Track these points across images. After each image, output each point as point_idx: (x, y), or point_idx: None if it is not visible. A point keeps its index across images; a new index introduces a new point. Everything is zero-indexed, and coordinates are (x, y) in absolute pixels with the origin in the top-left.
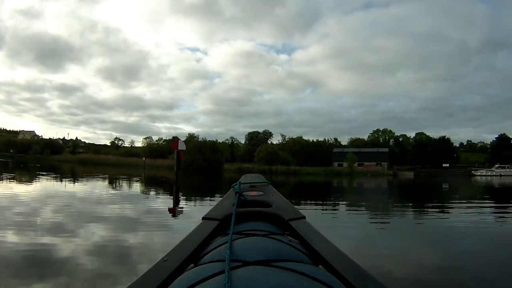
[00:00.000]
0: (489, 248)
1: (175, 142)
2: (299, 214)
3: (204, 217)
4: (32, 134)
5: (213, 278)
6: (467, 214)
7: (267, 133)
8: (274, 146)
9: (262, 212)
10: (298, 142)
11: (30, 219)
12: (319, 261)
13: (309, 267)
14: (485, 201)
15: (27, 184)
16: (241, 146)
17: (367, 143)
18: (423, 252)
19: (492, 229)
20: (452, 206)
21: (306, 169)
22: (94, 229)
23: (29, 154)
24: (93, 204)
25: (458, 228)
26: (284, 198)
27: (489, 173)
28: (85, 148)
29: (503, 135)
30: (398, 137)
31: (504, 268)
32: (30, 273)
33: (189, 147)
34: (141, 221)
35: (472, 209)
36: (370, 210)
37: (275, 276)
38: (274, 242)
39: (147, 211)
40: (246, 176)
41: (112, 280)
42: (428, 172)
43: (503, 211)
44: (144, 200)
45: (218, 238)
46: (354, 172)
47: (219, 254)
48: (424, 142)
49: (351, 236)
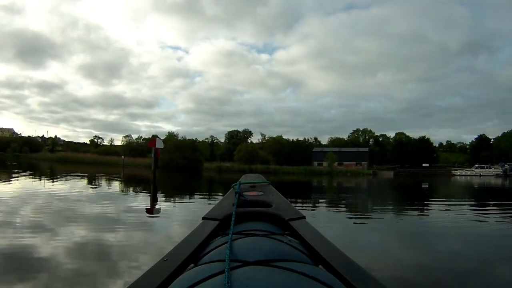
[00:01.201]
0: (468, 246)
1: (152, 140)
2: (299, 214)
3: (204, 217)
4: (10, 132)
5: (213, 278)
6: (446, 213)
7: (247, 132)
8: (254, 145)
9: (262, 212)
10: (278, 141)
11: (7, 219)
12: (319, 261)
13: (309, 267)
14: (464, 200)
15: (3, 183)
16: (221, 145)
17: (347, 142)
18: (402, 250)
19: (470, 228)
20: (431, 205)
21: (285, 168)
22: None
23: (7, 152)
24: (69, 203)
25: (437, 227)
26: (284, 198)
27: (468, 173)
28: (64, 146)
29: (483, 135)
30: (378, 137)
31: (481, 266)
32: (7, 272)
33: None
34: (117, 220)
35: (452, 208)
36: (349, 209)
37: (275, 276)
38: (274, 242)
39: (124, 210)
40: (246, 176)
41: (89, 279)
42: (408, 171)
43: (482, 210)
44: (122, 199)
45: (218, 238)
46: (334, 171)
47: (219, 254)
48: (404, 142)
49: (329, 235)
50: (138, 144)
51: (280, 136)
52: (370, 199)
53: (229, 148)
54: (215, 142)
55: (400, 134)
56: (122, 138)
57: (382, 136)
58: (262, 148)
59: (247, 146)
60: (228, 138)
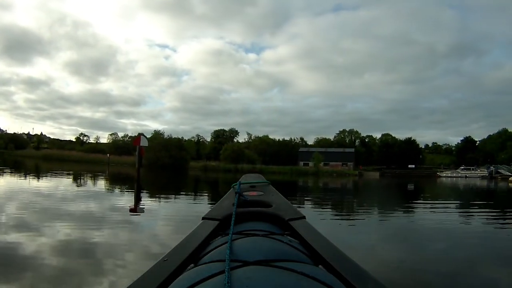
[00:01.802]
0: (453, 247)
1: (137, 138)
2: (299, 214)
3: (204, 217)
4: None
5: (213, 278)
6: (432, 214)
7: (233, 131)
8: (240, 145)
9: (262, 212)
10: (264, 141)
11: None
12: (319, 261)
13: (309, 267)
14: (450, 201)
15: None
16: (207, 144)
17: (333, 143)
18: (388, 250)
19: (456, 229)
20: (417, 206)
21: (271, 168)
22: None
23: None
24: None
25: (423, 227)
26: (284, 198)
27: (454, 175)
28: (49, 144)
29: (469, 137)
30: (364, 138)
31: (467, 266)
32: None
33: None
34: (100, 219)
35: (437, 209)
36: (335, 210)
37: (275, 276)
38: (274, 242)
39: (108, 208)
40: (246, 176)
41: (71, 278)
42: (394, 172)
43: (467, 212)
44: (106, 198)
45: (218, 238)
46: (320, 171)
47: (219, 254)
48: (390, 143)
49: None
50: (124, 142)
51: (267, 136)
52: (356, 200)
53: (215, 147)
54: (201, 141)
55: (386, 135)
56: (108, 136)
57: (368, 137)
58: (248, 147)
59: (233, 145)
60: (214, 137)
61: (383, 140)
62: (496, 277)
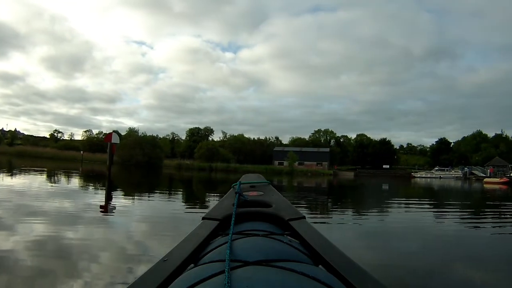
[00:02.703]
0: (426, 246)
1: (108, 135)
2: (299, 214)
3: (204, 217)
4: None
5: (213, 278)
6: (406, 213)
7: (208, 129)
8: (215, 143)
9: (262, 212)
10: (239, 140)
11: None
12: (319, 261)
13: (309, 267)
14: (424, 201)
15: None
16: (182, 142)
17: (308, 142)
18: (361, 249)
19: (429, 228)
20: (391, 205)
21: (246, 167)
22: (17, 225)
23: None
24: (21, 198)
25: (396, 226)
26: (284, 198)
27: (428, 175)
28: (23, 140)
29: (443, 139)
30: (339, 138)
31: (439, 264)
32: None
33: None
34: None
35: (411, 208)
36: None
37: (275, 276)
38: (274, 242)
39: (78, 207)
40: (246, 176)
41: (37, 279)
42: (369, 172)
43: (440, 211)
44: (76, 196)
45: (218, 238)
46: (295, 171)
47: (219, 254)
48: (365, 143)
49: None
50: (98, 139)
51: (242, 135)
52: (330, 199)
53: (190, 145)
54: (176, 139)
55: (361, 135)
56: (82, 133)
57: (343, 137)
58: (223, 146)
59: (207, 143)
60: (189, 135)
61: (358, 140)
62: (469, 275)
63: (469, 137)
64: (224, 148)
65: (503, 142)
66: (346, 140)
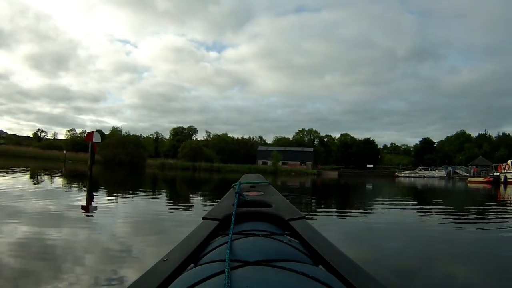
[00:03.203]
0: (411, 244)
1: (89, 134)
2: (299, 214)
3: (204, 217)
4: None
5: (213, 278)
6: (390, 212)
7: (192, 129)
8: (199, 143)
9: (262, 212)
10: (223, 139)
11: None
12: (319, 261)
13: (309, 267)
14: (408, 200)
15: None
16: (166, 141)
17: (292, 142)
18: (346, 248)
19: (413, 227)
20: (375, 205)
21: (230, 166)
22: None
23: None
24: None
25: (381, 225)
26: (284, 198)
27: (412, 175)
28: (6, 140)
29: (427, 139)
30: (323, 138)
31: (423, 262)
32: None
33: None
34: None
35: (395, 207)
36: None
37: (275, 276)
38: (274, 242)
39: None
40: (246, 176)
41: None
42: (352, 172)
43: (424, 210)
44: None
45: (218, 238)
46: (279, 170)
47: (219, 254)
48: (348, 143)
49: None
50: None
51: (226, 134)
52: (314, 198)
53: (174, 145)
54: (160, 138)
55: (345, 135)
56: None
57: (327, 137)
58: (207, 145)
59: (191, 143)
60: (173, 134)
61: (342, 140)
62: (453, 272)
63: (453, 137)
64: (208, 147)
65: (486, 142)
66: (330, 140)
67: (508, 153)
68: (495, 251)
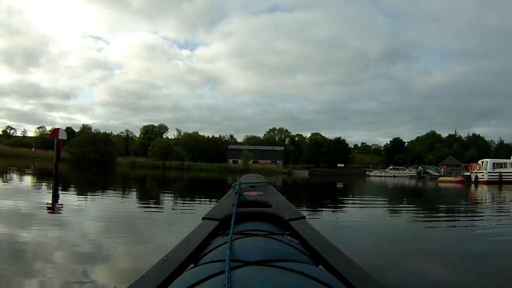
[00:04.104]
0: (381, 242)
1: (55, 130)
2: (299, 214)
3: (204, 217)
4: None
5: (213, 278)
6: (360, 211)
7: (162, 127)
8: (169, 141)
9: (262, 212)
10: (193, 138)
11: None
12: (319, 261)
13: (309, 267)
14: (378, 199)
15: None
16: (136, 139)
17: (263, 141)
18: None
19: (383, 225)
20: (345, 203)
21: (200, 165)
22: None
23: None
24: None
25: (351, 224)
26: (284, 198)
27: (383, 174)
28: None
29: (397, 138)
30: (294, 137)
31: (393, 259)
32: None
33: (81, 139)
34: (12, 218)
35: (365, 206)
36: None
37: (275, 276)
38: (274, 242)
39: (22, 206)
40: (246, 176)
41: None
42: (323, 171)
43: (394, 209)
44: (23, 195)
45: (218, 238)
46: (249, 169)
47: (219, 254)
48: (319, 142)
49: None
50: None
51: (196, 133)
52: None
53: (144, 143)
54: (130, 136)
55: (316, 134)
56: (36, 129)
57: (298, 136)
58: (177, 144)
59: (162, 141)
60: (143, 132)
61: (312, 139)
62: (423, 269)
63: (423, 137)
64: (179, 145)
65: (456, 142)
66: (300, 139)
67: (478, 154)
68: (463, 247)
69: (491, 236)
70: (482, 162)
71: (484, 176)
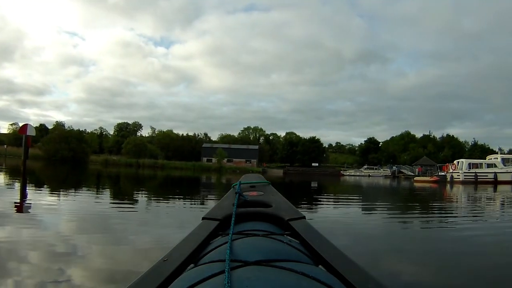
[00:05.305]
0: (355, 241)
1: (23, 126)
2: (299, 214)
3: (204, 217)
4: None
5: (213, 278)
6: (334, 210)
7: (136, 125)
8: (143, 139)
9: (262, 212)
10: (167, 135)
11: None
12: (319, 261)
13: (309, 267)
14: (353, 198)
15: None
16: (110, 137)
17: (237, 139)
18: None
19: (358, 224)
20: (320, 202)
21: (174, 163)
22: None
23: None
24: None
25: (325, 223)
26: (284, 198)
27: (357, 173)
28: None
29: (372, 138)
30: (268, 136)
31: (368, 259)
32: None
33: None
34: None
35: (340, 205)
36: None
37: (275, 276)
38: (274, 242)
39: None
40: (246, 176)
41: None
42: (298, 170)
43: (369, 208)
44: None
45: (218, 238)
46: (223, 168)
47: (219, 254)
48: (294, 141)
49: None
50: None
51: (170, 131)
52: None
53: (118, 140)
54: (104, 134)
55: (290, 133)
56: (8, 126)
57: (272, 135)
58: (151, 142)
59: (135, 139)
60: (117, 130)
61: (287, 138)
62: (396, 268)
63: (398, 137)
64: (153, 144)
65: (430, 143)
66: (275, 138)
67: (452, 154)
68: (437, 247)
69: (465, 234)
70: (458, 162)
71: (459, 176)
